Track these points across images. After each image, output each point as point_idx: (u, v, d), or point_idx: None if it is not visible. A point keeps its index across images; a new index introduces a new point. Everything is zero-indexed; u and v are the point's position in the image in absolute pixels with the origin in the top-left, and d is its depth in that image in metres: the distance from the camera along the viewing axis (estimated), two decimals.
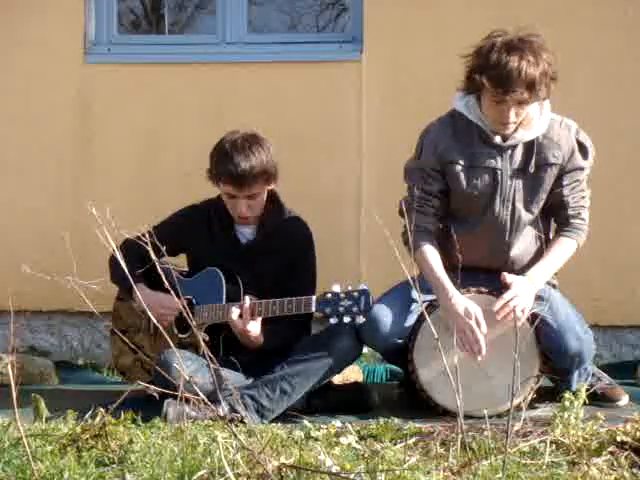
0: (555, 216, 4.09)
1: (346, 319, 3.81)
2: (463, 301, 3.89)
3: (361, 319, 3.82)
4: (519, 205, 4.00)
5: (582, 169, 4.00)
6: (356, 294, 3.82)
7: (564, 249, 4.02)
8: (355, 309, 3.81)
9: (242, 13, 5.40)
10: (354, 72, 5.22)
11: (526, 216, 4.01)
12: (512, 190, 3.99)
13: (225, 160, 4.10)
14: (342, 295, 3.83)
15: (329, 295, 3.85)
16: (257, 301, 3.98)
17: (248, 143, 4.14)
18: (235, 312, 3.97)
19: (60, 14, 5.36)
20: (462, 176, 4.01)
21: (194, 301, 4.14)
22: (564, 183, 4.00)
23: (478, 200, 4.01)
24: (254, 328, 3.97)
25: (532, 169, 3.97)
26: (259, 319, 3.97)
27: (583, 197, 4.03)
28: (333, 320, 3.83)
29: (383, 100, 5.21)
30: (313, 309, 3.87)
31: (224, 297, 4.08)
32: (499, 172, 3.98)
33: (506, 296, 3.86)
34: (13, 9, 5.36)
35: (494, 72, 3.77)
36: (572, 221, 4.03)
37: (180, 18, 5.91)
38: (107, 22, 5.45)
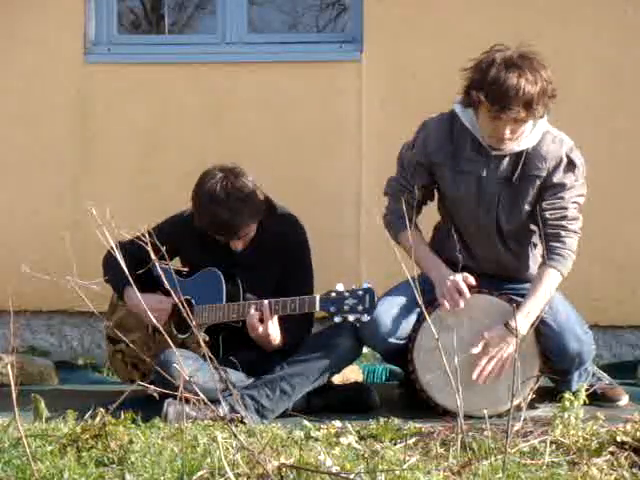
0: (540, 238, 3.98)
1: (351, 317, 3.81)
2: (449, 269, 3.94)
3: (366, 317, 3.81)
4: (502, 216, 3.98)
5: (564, 185, 3.91)
6: (360, 292, 3.81)
7: (546, 284, 3.88)
8: (360, 307, 3.80)
9: (242, 13, 5.40)
10: (354, 72, 5.22)
11: (510, 226, 3.99)
12: (496, 199, 3.96)
13: (207, 217, 4.03)
14: (346, 294, 3.82)
15: (333, 294, 3.84)
16: (259, 301, 3.98)
17: (226, 190, 4.00)
18: (255, 315, 3.94)
19: (60, 14, 5.36)
20: (449, 179, 4.01)
21: (193, 301, 4.13)
22: (544, 198, 3.92)
23: (463, 205, 4.01)
24: (274, 331, 3.97)
25: (516, 180, 3.94)
26: (276, 320, 3.95)
27: (565, 217, 3.91)
28: (337, 319, 3.82)
29: (383, 100, 5.21)
30: (317, 308, 3.86)
31: (224, 297, 4.07)
32: (483, 180, 3.96)
33: (481, 362, 3.85)
34: (13, 9, 5.36)
35: (491, 89, 3.73)
36: (552, 244, 3.89)
37: (180, 18, 5.91)
38: (107, 22, 5.45)
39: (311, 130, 5.26)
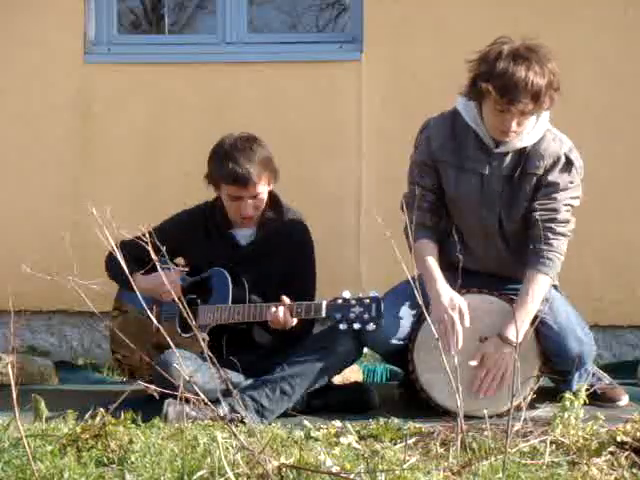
0: (527, 238, 3.96)
1: (356, 326, 3.79)
2: (449, 292, 3.87)
3: (372, 326, 3.78)
4: (504, 214, 3.98)
5: (557, 185, 3.90)
6: (367, 301, 3.80)
7: (536, 289, 3.86)
8: (366, 316, 3.79)
9: (242, 13, 5.40)
10: (354, 72, 5.22)
11: (511, 224, 3.99)
12: (498, 198, 3.97)
13: (227, 162, 4.10)
14: (353, 301, 3.81)
15: (340, 301, 3.82)
16: (266, 304, 3.98)
17: (248, 143, 4.15)
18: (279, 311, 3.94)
19: (60, 14, 5.36)
20: (451, 177, 4.01)
21: (198, 301, 4.13)
22: (536, 197, 3.92)
23: (465, 203, 4.01)
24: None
25: (517, 177, 3.94)
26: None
27: (554, 219, 3.90)
28: (342, 326, 3.80)
29: (383, 100, 5.21)
30: (323, 314, 3.85)
31: (230, 298, 4.07)
32: (486, 178, 3.96)
33: (479, 376, 3.84)
34: (13, 9, 5.36)
35: (500, 81, 3.72)
36: (540, 247, 3.88)
37: (180, 18, 5.91)
38: (107, 22, 5.45)
39: (311, 130, 5.26)
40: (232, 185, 4.12)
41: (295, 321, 3.94)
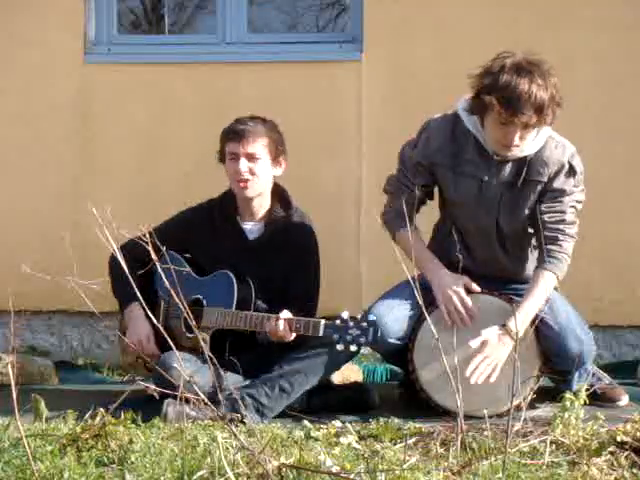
0: (537, 240, 4.01)
1: (352, 348, 3.80)
2: (450, 274, 3.93)
3: (368, 350, 3.80)
4: (503, 218, 3.98)
5: (563, 191, 3.92)
6: (365, 324, 3.80)
7: (542, 286, 3.89)
8: (362, 340, 3.79)
9: (242, 13, 5.40)
10: (354, 72, 5.22)
11: (511, 230, 4.00)
12: (497, 203, 3.97)
13: (233, 122, 4.22)
14: (351, 323, 3.80)
15: (338, 322, 3.82)
16: (267, 315, 3.97)
17: (260, 117, 4.24)
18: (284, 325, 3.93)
19: (60, 14, 5.36)
20: (449, 180, 4.01)
21: (204, 302, 4.13)
22: (543, 201, 3.93)
23: (463, 206, 4.02)
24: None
25: (519, 184, 3.94)
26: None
27: (563, 221, 3.93)
28: (339, 346, 3.81)
29: (383, 100, 5.21)
30: (321, 333, 3.85)
31: (234, 303, 4.06)
32: (484, 184, 3.96)
33: (476, 360, 3.84)
34: (13, 9, 5.36)
35: (504, 93, 3.71)
36: (549, 247, 3.91)
37: (180, 18, 5.91)
38: (107, 22, 5.45)
39: (311, 130, 5.25)
40: (231, 141, 4.17)
41: (294, 336, 3.94)
